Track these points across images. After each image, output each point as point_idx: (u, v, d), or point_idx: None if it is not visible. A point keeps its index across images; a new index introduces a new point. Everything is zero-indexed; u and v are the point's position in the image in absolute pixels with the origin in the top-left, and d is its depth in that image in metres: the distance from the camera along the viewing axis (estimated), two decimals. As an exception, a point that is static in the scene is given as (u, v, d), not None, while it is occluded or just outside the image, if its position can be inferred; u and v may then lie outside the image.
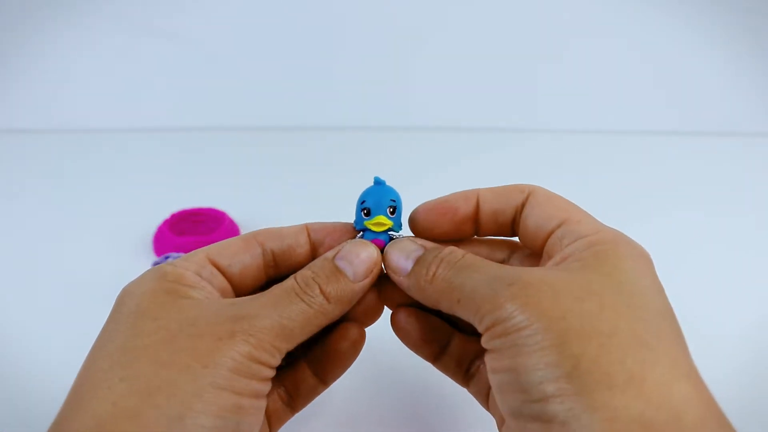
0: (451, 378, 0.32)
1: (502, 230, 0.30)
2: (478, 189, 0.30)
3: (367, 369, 0.38)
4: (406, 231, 0.30)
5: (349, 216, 0.36)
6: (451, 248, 0.27)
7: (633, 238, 0.26)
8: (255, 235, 0.29)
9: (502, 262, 0.30)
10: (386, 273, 0.29)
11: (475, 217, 0.30)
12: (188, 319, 0.24)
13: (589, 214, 0.27)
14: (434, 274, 0.26)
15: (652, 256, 0.25)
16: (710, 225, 0.58)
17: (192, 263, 0.27)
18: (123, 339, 0.24)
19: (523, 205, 0.29)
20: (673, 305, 0.25)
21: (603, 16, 0.75)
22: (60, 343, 0.42)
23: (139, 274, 0.51)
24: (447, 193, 0.30)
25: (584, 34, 0.76)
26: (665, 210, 0.61)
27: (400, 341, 0.31)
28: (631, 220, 0.59)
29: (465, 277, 0.25)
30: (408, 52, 0.76)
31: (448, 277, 0.26)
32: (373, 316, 0.31)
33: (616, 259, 0.24)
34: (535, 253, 0.29)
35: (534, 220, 0.28)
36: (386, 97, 0.78)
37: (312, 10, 0.74)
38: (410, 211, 0.31)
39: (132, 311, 0.25)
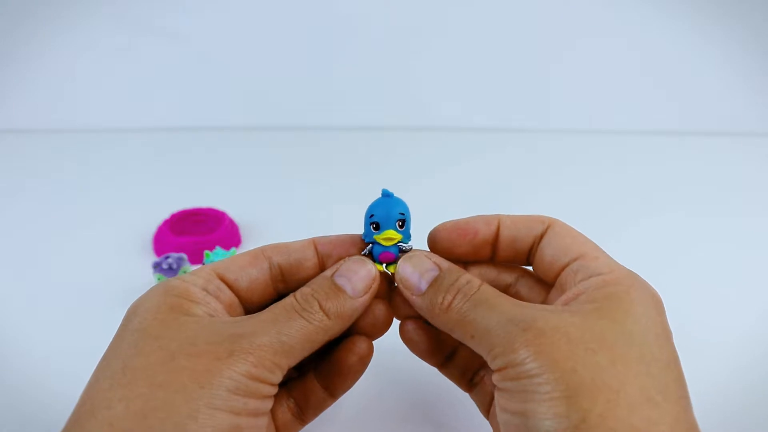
0: (456, 383, 0.32)
1: (519, 257, 0.30)
2: (500, 215, 0.30)
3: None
4: (414, 242, 0.31)
5: (349, 216, 0.36)
6: (468, 277, 0.28)
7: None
8: (262, 250, 0.30)
9: (510, 285, 0.31)
10: (397, 286, 0.30)
11: (494, 241, 0.30)
12: (188, 338, 0.24)
13: (605, 252, 0.28)
14: (450, 305, 0.27)
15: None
16: (710, 225, 0.58)
17: (199, 278, 0.27)
18: (125, 358, 0.24)
19: (542, 236, 0.29)
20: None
21: (603, 16, 0.75)
22: (60, 342, 0.42)
23: (139, 274, 0.51)
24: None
25: (585, 35, 0.76)
26: (665, 210, 0.61)
27: (408, 352, 0.32)
28: (630, 220, 0.59)
29: (480, 314, 0.25)
30: (411, 52, 0.76)
31: (464, 311, 0.26)
32: (383, 328, 0.31)
33: (629, 305, 0.25)
34: (545, 282, 0.30)
35: (551, 251, 0.28)
36: (388, 97, 0.78)
37: (312, 8, 0.74)
38: (419, 219, 0.31)
39: (136, 328, 0.25)
